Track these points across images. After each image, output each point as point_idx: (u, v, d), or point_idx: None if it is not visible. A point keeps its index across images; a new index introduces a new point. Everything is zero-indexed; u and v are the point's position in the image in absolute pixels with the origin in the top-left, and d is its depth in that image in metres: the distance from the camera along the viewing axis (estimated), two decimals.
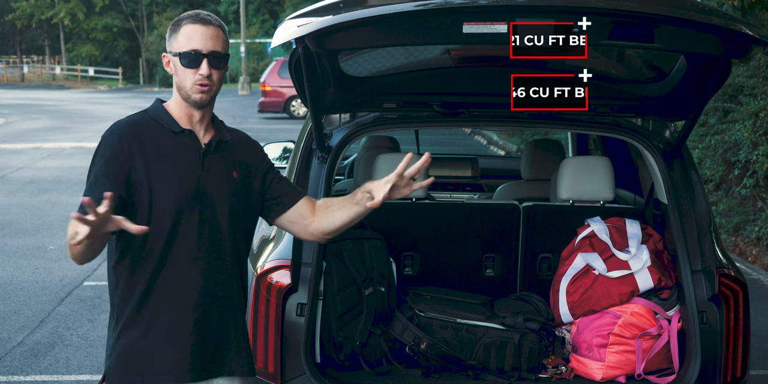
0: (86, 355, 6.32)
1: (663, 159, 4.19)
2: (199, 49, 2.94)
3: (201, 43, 2.94)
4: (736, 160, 9.92)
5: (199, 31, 2.95)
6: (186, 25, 2.97)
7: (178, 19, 3.01)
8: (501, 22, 3.30)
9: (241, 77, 42.51)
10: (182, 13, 3.06)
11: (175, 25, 3.00)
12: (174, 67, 2.99)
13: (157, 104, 3.06)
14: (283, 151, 6.50)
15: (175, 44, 2.97)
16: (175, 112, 3.02)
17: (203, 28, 2.95)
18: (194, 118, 3.02)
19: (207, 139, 3.04)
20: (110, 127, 2.99)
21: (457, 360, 4.12)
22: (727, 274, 3.95)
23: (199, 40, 2.94)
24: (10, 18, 57.83)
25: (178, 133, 2.99)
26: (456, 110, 4.36)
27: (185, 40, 2.95)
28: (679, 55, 4.04)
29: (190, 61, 2.94)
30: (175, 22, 3.01)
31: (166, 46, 3.03)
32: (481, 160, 7.13)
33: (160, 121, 2.99)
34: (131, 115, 3.05)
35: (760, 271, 9.02)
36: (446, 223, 4.61)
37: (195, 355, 2.98)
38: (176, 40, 2.97)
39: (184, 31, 2.96)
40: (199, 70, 2.94)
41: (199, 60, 2.94)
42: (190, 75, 2.95)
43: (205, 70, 2.94)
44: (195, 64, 2.94)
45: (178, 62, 2.96)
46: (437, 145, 17.33)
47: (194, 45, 2.94)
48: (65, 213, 11.70)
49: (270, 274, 3.84)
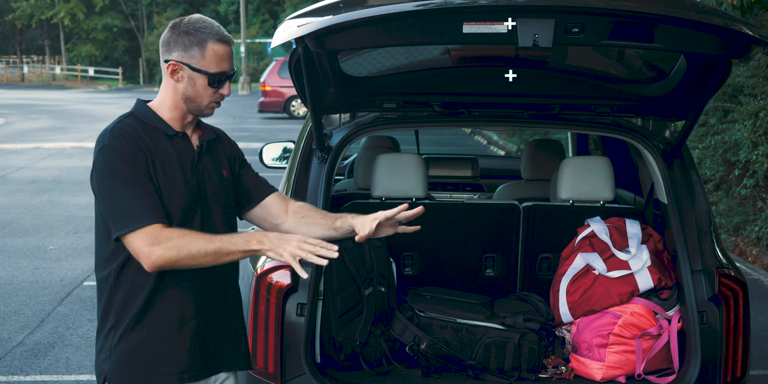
0: (86, 355, 6.32)
1: (663, 159, 4.19)
2: (227, 71, 2.94)
3: (228, 65, 2.95)
4: (736, 160, 9.92)
5: (226, 52, 2.93)
6: (213, 43, 2.91)
7: (197, 31, 2.91)
8: (501, 22, 3.30)
9: (241, 77, 42.52)
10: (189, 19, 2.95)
11: (197, 39, 2.90)
12: (192, 81, 2.93)
13: (143, 106, 3.00)
14: (283, 151, 6.50)
15: (200, 61, 2.91)
16: (167, 115, 2.98)
17: (228, 49, 2.95)
18: (186, 120, 3.01)
19: (196, 140, 3.03)
20: (112, 134, 2.88)
21: (457, 360, 4.12)
22: (727, 274, 3.95)
23: (227, 63, 2.94)
24: (10, 18, 57.84)
25: (173, 137, 2.97)
26: (456, 110, 4.36)
27: (215, 61, 2.91)
28: (679, 55, 4.04)
29: (217, 82, 2.93)
30: (193, 32, 2.90)
31: (178, 54, 2.92)
32: (481, 160, 7.13)
33: (153, 124, 2.95)
34: (121, 120, 2.95)
35: (760, 271, 9.02)
36: (446, 223, 4.61)
37: (197, 354, 2.99)
38: (202, 57, 2.91)
39: (213, 51, 2.91)
40: (221, 90, 2.95)
41: (225, 81, 2.95)
42: (211, 93, 2.95)
43: (227, 90, 2.97)
44: (221, 85, 2.95)
45: (204, 81, 2.92)
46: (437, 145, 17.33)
47: (224, 67, 2.93)
48: (65, 213, 11.71)
49: (270, 274, 3.84)
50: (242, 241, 2.82)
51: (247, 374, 3.77)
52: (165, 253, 2.78)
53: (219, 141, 3.12)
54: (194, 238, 2.80)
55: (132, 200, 2.81)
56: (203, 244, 2.79)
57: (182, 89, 2.95)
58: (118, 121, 2.95)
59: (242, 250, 2.82)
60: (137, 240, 2.79)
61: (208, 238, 2.81)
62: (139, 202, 2.80)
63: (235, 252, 2.82)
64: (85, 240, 10.08)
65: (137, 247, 2.79)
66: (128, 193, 2.82)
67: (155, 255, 2.78)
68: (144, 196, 2.82)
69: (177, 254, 2.78)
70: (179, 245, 2.78)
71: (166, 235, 2.79)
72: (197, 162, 2.98)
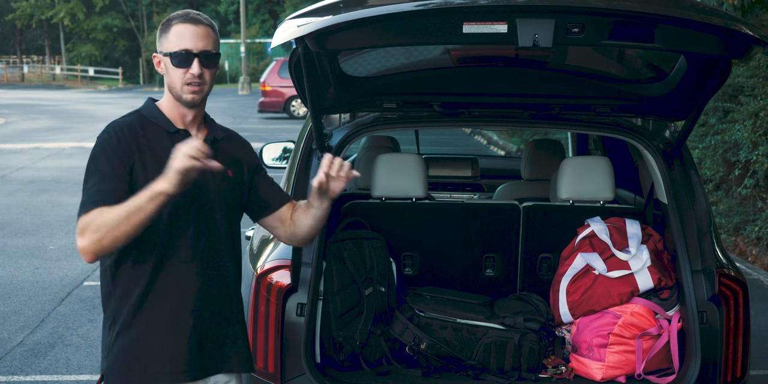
0: (86, 355, 6.32)
1: (663, 159, 4.19)
2: (190, 48, 2.94)
3: (192, 43, 2.94)
4: (736, 160, 9.92)
5: (189, 30, 2.94)
6: (176, 24, 2.96)
7: (168, 19, 3.01)
8: (501, 22, 3.30)
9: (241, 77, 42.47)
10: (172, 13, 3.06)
11: (165, 25, 2.99)
12: (165, 67, 2.98)
13: (150, 104, 3.05)
14: (283, 151, 6.50)
15: (165, 44, 2.97)
16: (169, 112, 3.01)
17: (194, 28, 2.95)
18: (187, 118, 3.02)
19: (201, 138, 3.03)
20: (106, 128, 2.97)
21: (457, 360, 4.12)
22: (727, 274, 3.95)
23: (189, 40, 2.94)
24: (10, 18, 57.84)
25: (173, 134, 2.98)
26: (456, 110, 4.36)
27: (176, 40, 2.94)
28: (679, 55, 4.04)
29: (181, 60, 2.93)
30: (165, 22, 3.00)
31: (157, 46, 3.03)
32: (481, 160, 7.13)
33: (154, 121, 2.99)
34: (125, 116, 3.03)
35: (760, 271, 9.02)
36: (446, 223, 4.61)
37: (194, 353, 2.98)
38: (167, 40, 2.97)
39: (175, 31, 2.95)
40: (190, 70, 2.94)
41: (190, 59, 2.94)
42: (180, 75, 2.95)
43: (197, 69, 2.94)
44: (186, 63, 2.94)
45: (169, 62, 2.95)
46: (437, 145, 17.33)
47: (185, 45, 2.94)
48: (65, 213, 11.70)
49: (270, 274, 3.84)
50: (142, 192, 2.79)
51: (247, 374, 3.77)
52: (88, 238, 2.79)
53: (229, 141, 3.13)
54: (107, 211, 2.79)
55: (86, 189, 2.88)
56: (115, 212, 2.78)
57: (166, 80, 3.01)
58: (120, 117, 3.02)
59: (146, 197, 2.77)
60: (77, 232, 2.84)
61: (118, 205, 2.79)
62: (88, 192, 2.86)
63: (141, 203, 2.76)
64: None
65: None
66: (87, 182, 2.89)
67: (81, 245, 2.81)
68: (94, 185, 2.85)
69: (98, 234, 2.78)
70: (96, 225, 2.78)
71: (86, 220, 2.80)
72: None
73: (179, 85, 2.96)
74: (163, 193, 2.75)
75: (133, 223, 2.77)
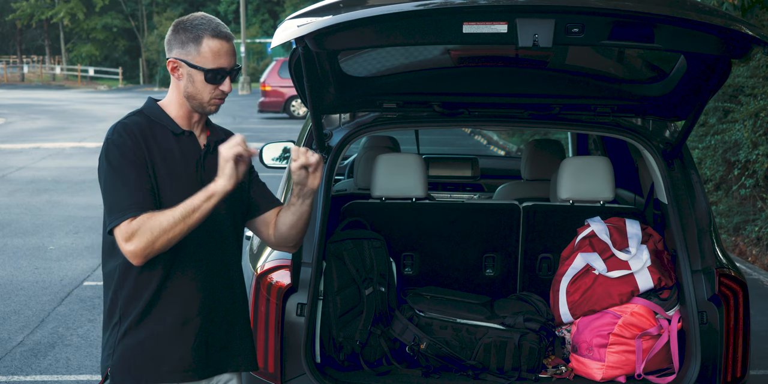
0: (86, 355, 6.32)
1: (663, 159, 4.19)
2: (225, 67, 2.94)
3: (227, 62, 2.95)
4: (736, 160, 9.92)
5: (224, 48, 2.94)
6: (209, 39, 2.92)
7: (194, 27, 2.93)
8: (501, 22, 3.30)
9: (241, 77, 42.49)
10: (189, 17, 2.98)
11: (193, 35, 2.92)
12: (191, 78, 2.95)
13: (152, 104, 3.04)
14: (283, 151, 6.50)
15: (197, 57, 2.92)
16: (174, 114, 3.01)
17: (228, 45, 2.95)
18: (193, 119, 3.03)
19: (204, 140, 3.05)
20: (116, 129, 2.94)
21: (457, 360, 4.12)
22: (727, 274, 3.95)
23: (225, 59, 2.94)
24: (10, 18, 57.85)
25: (179, 135, 2.99)
26: (456, 110, 4.36)
27: (211, 57, 2.92)
28: (679, 55, 4.04)
29: (214, 78, 2.94)
30: (189, 29, 2.93)
31: (177, 51, 2.95)
32: (481, 160, 7.13)
33: (160, 122, 2.99)
34: (130, 116, 3.01)
35: (760, 271, 9.02)
36: (446, 223, 4.61)
37: (201, 353, 2.99)
38: (199, 54, 2.92)
39: (210, 47, 2.92)
40: (221, 87, 2.95)
41: (224, 77, 2.95)
42: (210, 90, 2.95)
43: (227, 87, 2.96)
44: (219, 81, 2.95)
45: (200, 76, 2.93)
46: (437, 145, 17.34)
47: (221, 63, 2.93)
48: (65, 213, 11.71)
49: (270, 274, 3.84)
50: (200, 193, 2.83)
51: (247, 374, 3.77)
52: (140, 242, 2.80)
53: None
54: (159, 214, 2.82)
55: (118, 195, 2.86)
56: (169, 214, 2.80)
57: (183, 86, 2.97)
58: (125, 117, 3.00)
59: (203, 197, 2.81)
60: (118, 236, 2.83)
61: (172, 208, 2.82)
62: (122, 197, 2.84)
63: (199, 204, 2.81)
64: (85, 240, 10.08)
65: (119, 245, 2.84)
66: (117, 188, 2.86)
67: (132, 247, 2.81)
68: (129, 190, 2.85)
69: (151, 236, 2.79)
70: (149, 227, 2.79)
71: (135, 224, 2.81)
72: (203, 161, 3.00)
73: (207, 98, 2.96)
74: (222, 192, 2.82)
75: (189, 224, 2.81)
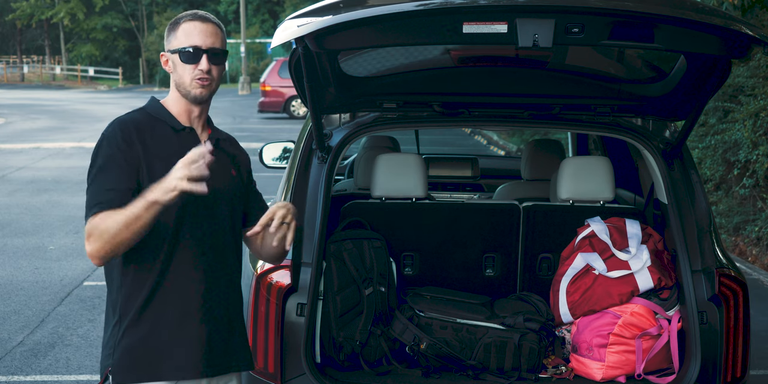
0: (86, 355, 6.32)
1: (663, 159, 4.19)
2: (199, 45, 2.98)
3: (200, 40, 2.98)
4: (736, 160, 9.92)
5: (198, 28, 2.99)
6: (185, 22, 3.01)
7: (177, 18, 3.05)
8: (501, 22, 3.30)
9: (241, 77, 42.51)
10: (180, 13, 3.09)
11: (174, 24, 3.04)
12: (173, 64, 3.01)
13: (155, 102, 3.08)
14: (283, 151, 6.50)
15: (174, 42, 3.01)
16: (174, 110, 3.04)
17: (202, 25, 3.00)
18: (193, 114, 3.05)
19: (205, 137, 3.07)
20: (111, 124, 2.98)
21: (457, 360, 4.12)
22: (727, 274, 3.95)
23: (198, 37, 2.98)
24: (10, 18, 57.85)
25: (179, 131, 3.01)
26: (456, 110, 4.36)
27: (184, 37, 2.99)
28: (679, 55, 4.04)
29: (189, 56, 2.97)
30: (174, 21, 3.05)
31: (165, 45, 3.06)
32: (481, 160, 7.13)
33: (160, 118, 3.02)
34: (130, 113, 3.05)
35: (760, 271, 9.02)
36: (446, 223, 4.61)
37: (201, 352, 2.99)
38: (175, 38, 3.01)
39: (183, 29, 3.00)
40: (198, 66, 2.97)
41: (198, 56, 2.97)
42: (189, 71, 2.98)
43: (205, 65, 2.97)
44: (195, 59, 2.97)
45: (178, 59, 2.99)
46: (437, 145, 17.35)
47: (194, 41, 2.98)
48: (65, 213, 11.71)
49: (270, 274, 3.84)
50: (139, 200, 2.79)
51: (247, 374, 3.77)
52: (93, 244, 2.81)
53: (229, 143, 3.17)
54: (109, 216, 2.80)
55: (90, 192, 2.88)
56: (115, 219, 2.78)
57: (173, 78, 3.03)
58: (125, 114, 3.04)
59: (142, 206, 2.77)
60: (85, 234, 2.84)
61: (118, 211, 2.80)
62: (92, 194, 2.86)
63: (138, 211, 2.77)
64: None
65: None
66: (92, 184, 2.89)
67: (88, 250, 2.82)
68: (99, 189, 2.86)
69: (102, 241, 2.79)
70: (100, 232, 2.79)
71: (90, 226, 2.82)
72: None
73: (188, 80, 2.99)
74: (158, 203, 2.76)
75: (132, 231, 2.79)
